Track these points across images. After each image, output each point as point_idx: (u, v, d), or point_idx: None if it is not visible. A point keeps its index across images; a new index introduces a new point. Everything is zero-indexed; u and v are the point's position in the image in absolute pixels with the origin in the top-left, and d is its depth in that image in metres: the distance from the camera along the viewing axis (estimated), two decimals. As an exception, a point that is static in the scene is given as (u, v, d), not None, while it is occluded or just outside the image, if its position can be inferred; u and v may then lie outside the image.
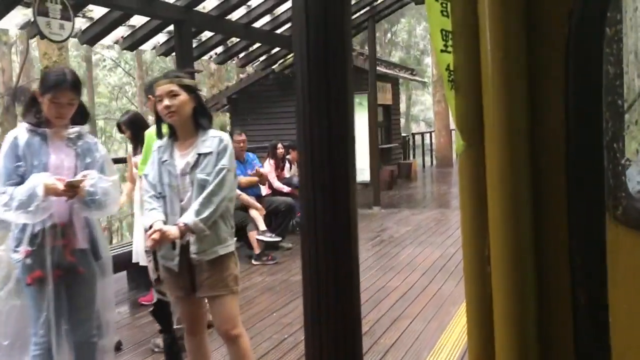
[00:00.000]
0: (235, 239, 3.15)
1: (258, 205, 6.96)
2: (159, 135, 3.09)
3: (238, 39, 9.73)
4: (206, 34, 9.17)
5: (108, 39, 7.12)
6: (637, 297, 0.70)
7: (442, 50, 0.86)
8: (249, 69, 14.06)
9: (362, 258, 6.88)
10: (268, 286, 5.88)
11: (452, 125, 15.17)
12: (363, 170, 10.85)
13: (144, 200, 3.05)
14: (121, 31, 7.24)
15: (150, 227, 2.86)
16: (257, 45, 10.71)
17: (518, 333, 0.76)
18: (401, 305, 5.11)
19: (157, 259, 3.02)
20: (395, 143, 17.19)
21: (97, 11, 6.43)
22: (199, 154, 2.97)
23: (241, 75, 15.75)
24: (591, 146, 0.73)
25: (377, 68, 15.56)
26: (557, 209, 0.77)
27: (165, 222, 2.91)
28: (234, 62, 12.74)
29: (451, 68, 0.83)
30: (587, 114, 0.73)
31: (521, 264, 0.76)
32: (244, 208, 6.92)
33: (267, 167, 8.61)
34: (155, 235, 2.82)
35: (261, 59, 11.90)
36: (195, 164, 2.96)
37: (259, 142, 13.11)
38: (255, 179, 7.26)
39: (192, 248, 2.97)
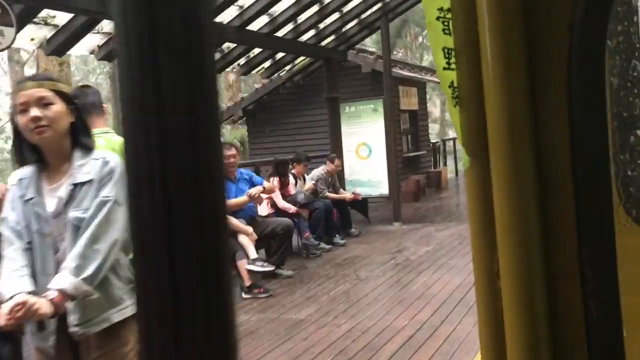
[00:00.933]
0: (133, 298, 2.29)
1: (248, 229, 6.12)
2: (21, 161, 2.25)
3: (261, 49, 9.05)
4: (228, 45, 8.55)
5: (80, 48, 6.43)
6: None
7: (444, 68, 0.87)
8: (262, 79, 13.33)
9: (370, 288, 5.96)
10: (252, 328, 5.03)
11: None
12: (381, 183, 9.92)
13: (3, 257, 2.21)
14: (96, 39, 6.55)
15: (10, 299, 2.02)
16: (282, 55, 10.03)
17: (530, 348, 0.75)
18: (403, 355, 4.18)
19: (18, 344, 2.18)
20: (424, 151, 16.17)
21: (61, 17, 5.74)
22: (75, 184, 2.16)
23: (256, 86, 15.02)
24: (597, 157, 0.75)
25: (400, 72, 14.65)
26: (565, 220, 0.76)
27: (34, 289, 2.07)
28: (259, 72, 12.13)
29: (455, 85, 0.83)
30: (591, 126, 0.74)
31: (531, 277, 0.75)
32: (232, 234, 6.10)
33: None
34: (19, 313, 1.97)
35: (287, 68, 11.23)
36: (70, 199, 2.15)
37: (278, 154, 12.43)
38: (244, 199, 6.44)
39: (72, 318, 2.14)
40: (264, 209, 7.85)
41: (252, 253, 6.00)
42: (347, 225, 9.24)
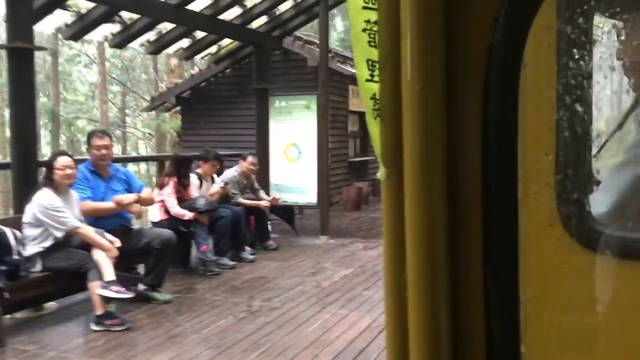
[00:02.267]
0: None
1: (105, 244, 4.82)
2: None
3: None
4: (166, 26, 7.24)
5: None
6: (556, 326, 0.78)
7: (367, 80, 0.88)
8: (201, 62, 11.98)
9: (255, 326, 4.74)
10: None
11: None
12: (311, 189, 8.70)
13: None
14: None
15: None
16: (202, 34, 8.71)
17: (432, 358, 0.77)
18: None
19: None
20: (372, 156, 15.04)
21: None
22: None
23: (192, 72, 13.66)
24: (507, 177, 0.77)
25: (347, 68, 13.50)
26: (473, 237, 0.78)
27: None
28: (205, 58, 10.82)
29: (377, 97, 0.83)
30: (503, 146, 0.77)
31: (435, 291, 0.77)
32: (86, 247, 4.79)
33: (168, 189, 6.50)
34: None
35: (212, 51, 9.88)
36: None
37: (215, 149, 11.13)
38: (111, 205, 5.15)
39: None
40: (155, 215, 6.56)
41: (108, 274, 4.70)
42: (264, 237, 8.00)
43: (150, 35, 8.12)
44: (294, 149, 8.78)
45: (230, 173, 7.77)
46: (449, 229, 0.77)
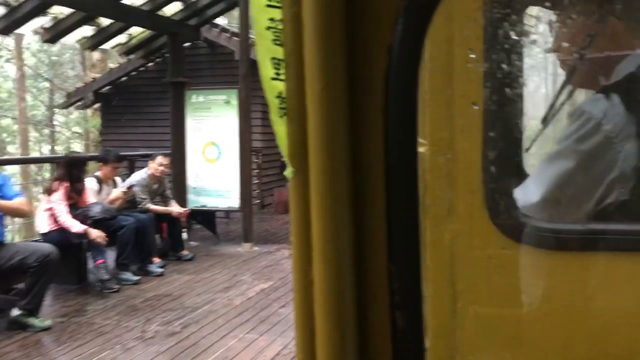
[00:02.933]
0: None
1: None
2: None
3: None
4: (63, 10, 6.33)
5: None
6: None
7: (273, 79, 0.89)
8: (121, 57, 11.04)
9: (138, 361, 3.99)
10: None
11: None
12: (233, 192, 7.98)
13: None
14: None
15: None
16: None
17: (338, 354, 0.78)
18: None
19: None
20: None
21: None
22: None
23: (111, 65, 12.69)
24: (408, 176, 0.78)
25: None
26: (377, 234, 0.79)
27: None
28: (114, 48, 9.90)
29: (283, 95, 0.82)
30: (404, 145, 0.78)
31: (340, 288, 0.77)
32: None
33: (57, 195, 5.65)
34: None
35: (123, 41, 8.98)
36: None
37: (137, 149, 10.23)
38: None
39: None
40: (44, 225, 5.71)
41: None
42: (178, 246, 7.23)
43: (45, 21, 7.22)
44: (213, 149, 8.04)
45: (138, 176, 6.97)
46: (354, 226, 0.78)
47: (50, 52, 24.89)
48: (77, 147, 25.34)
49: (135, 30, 8.85)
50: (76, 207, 5.79)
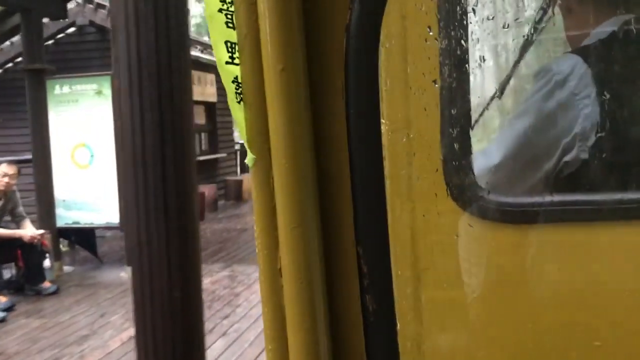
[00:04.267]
0: None
1: None
2: None
3: None
4: None
5: None
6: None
7: (227, 62, 0.84)
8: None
9: None
10: None
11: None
12: (110, 205, 6.43)
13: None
14: None
15: None
16: None
17: (310, 342, 0.77)
18: None
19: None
20: (223, 153, 12.95)
21: None
22: None
23: (-23, 57, 10.76)
24: (371, 155, 0.76)
25: (196, 54, 11.29)
26: (343, 217, 0.78)
27: None
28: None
29: (238, 80, 0.81)
30: (365, 124, 0.77)
31: (310, 274, 0.76)
32: None
33: None
34: None
35: None
36: None
37: (18, 153, 8.49)
38: None
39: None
40: None
41: None
42: (37, 278, 5.66)
43: None
44: (84, 151, 6.46)
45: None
46: (320, 210, 0.76)
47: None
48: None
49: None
50: None
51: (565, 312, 0.75)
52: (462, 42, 0.76)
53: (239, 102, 0.80)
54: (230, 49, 0.83)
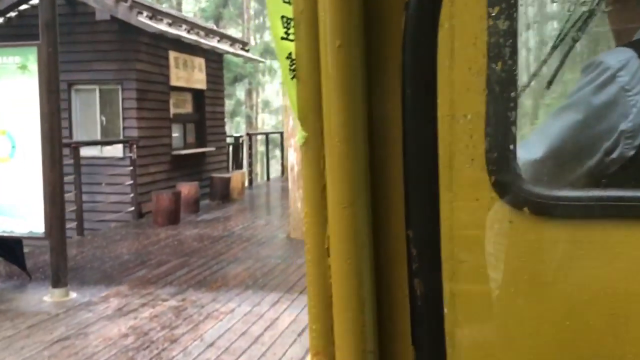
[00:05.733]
0: None
1: None
2: None
3: None
4: None
5: None
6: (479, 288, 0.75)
7: (282, 38, 0.84)
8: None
9: None
10: None
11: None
12: (34, 211, 5.08)
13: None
14: None
15: None
16: None
17: (356, 323, 0.76)
18: None
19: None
20: (212, 147, 11.60)
21: None
22: None
23: None
24: (427, 138, 0.74)
25: (170, 29, 9.94)
26: (395, 200, 0.76)
27: None
28: None
29: (293, 56, 0.79)
30: (422, 105, 0.74)
31: (359, 255, 0.75)
32: None
33: None
34: None
35: None
36: None
37: None
38: None
39: None
40: None
41: None
42: None
43: None
44: (3, 141, 5.11)
45: None
46: (371, 191, 0.75)
47: None
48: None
49: None
50: None
51: (608, 309, 0.71)
52: (516, 25, 0.71)
53: (292, 79, 0.78)
54: (285, 25, 0.82)
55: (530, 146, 0.92)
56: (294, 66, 0.78)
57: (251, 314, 4.49)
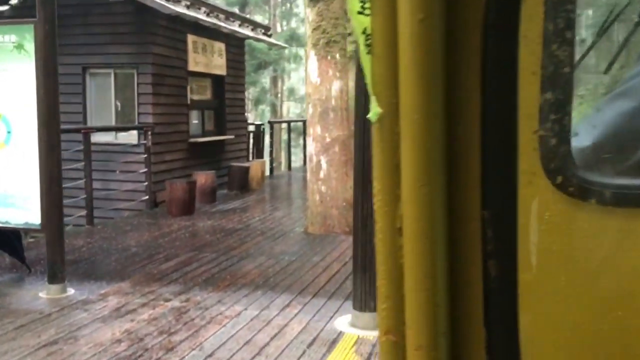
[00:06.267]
0: None
1: None
2: None
3: None
4: None
5: None
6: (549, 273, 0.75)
7: (359, 12, 0.80)
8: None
9: None
10: None
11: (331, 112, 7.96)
12: (31, 201, 4.75)
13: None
14: None
15: None
16: None
17: (429, 303, 0.75)
18: None
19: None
20: (231, 135, 11.23)
21: None
22: None
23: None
24: (506, 117, 0.73)
25: (196, 15, 9.57)
26: (471, 180, 0.76)
27: None
28: None
29: (368, 32, 0.78)
30: (502, 84, 0.73)
31: (433, 235, 0.74)
32: None
33: None
34: None
35: None
36: None
37: None
38: None
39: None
40: None
41: None
42: None
43: None
44: (-1, 125, 4.78)
45: None
46: (446, 170, 0.74)
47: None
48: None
49: None
50: None
51: None
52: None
53: (367, 54, 0.78)
54: None
55: (583, 131, 0.88)
56: (369, 41, 0.77)
57: (258, 319, 4.09)
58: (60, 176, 4.66)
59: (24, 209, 4.74)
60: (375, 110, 0.75)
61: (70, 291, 4.71)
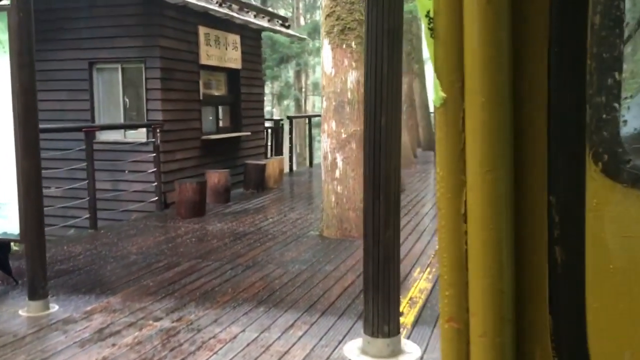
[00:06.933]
0: None
1: None
2: None
3: None
4: None
5: None
6: (611, 259, 0.74)
7: None
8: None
9: None
10: None
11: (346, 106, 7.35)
12: (9, 208, 4.30)
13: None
14: None
15: None
16: None
17: (495, 290, 0.74)
18: None
19: None
20: (247, 132, 10.74)
21: None
22: None
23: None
24: (573, 101, 0.71)
25: (205, 5, 9.08)
26: (537, 164, 0.73)
27: None
28: None
29: (431, 15, 0.76)
30: (569, 67, 0.71)
31: (499, 221, 0.73)
32: None
33: None
34: None
35: None
36: None
37: None
38: None
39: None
40: None
41: None
42: None
43: None
44: (-28, 125, 4.32)
45: None
46: (512, 155, 0.73)
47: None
48: None
49: None
50: None
51: None
52: None
53: (431, 37, 0.77)
54: None
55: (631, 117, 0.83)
56: (431, 25, 0.75)
57: (255, 344, 3.56)
58: (39, 180, 4.19)
59: (1, 217, 4.29)
60: (439, 95, 0.74)
61: (54, 308, 4.25)
